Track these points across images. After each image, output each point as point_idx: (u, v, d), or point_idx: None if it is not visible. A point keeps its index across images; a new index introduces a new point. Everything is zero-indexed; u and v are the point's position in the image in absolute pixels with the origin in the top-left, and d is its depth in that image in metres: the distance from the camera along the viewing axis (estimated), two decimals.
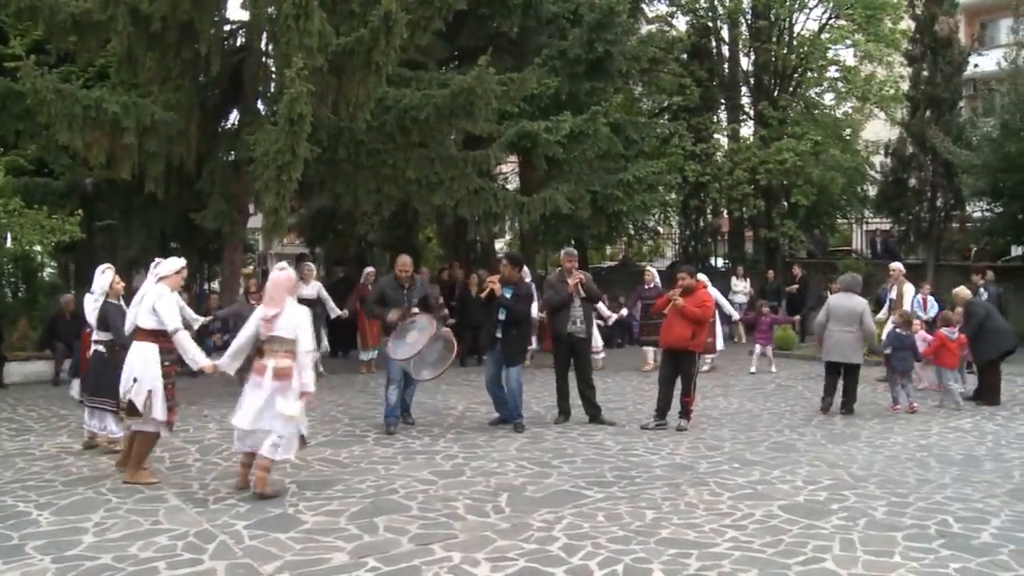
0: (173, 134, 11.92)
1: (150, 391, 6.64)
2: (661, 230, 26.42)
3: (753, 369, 14.07)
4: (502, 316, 9.25)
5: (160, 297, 6.74)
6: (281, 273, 6.77)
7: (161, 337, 6.71)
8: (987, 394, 11.30)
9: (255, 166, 11.37)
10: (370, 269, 15.26)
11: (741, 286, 19.62)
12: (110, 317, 7.68)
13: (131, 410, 6.66)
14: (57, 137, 11.27)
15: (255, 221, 15.26)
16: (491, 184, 15.52)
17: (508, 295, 9.27)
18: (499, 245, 25.89)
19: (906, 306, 12.71)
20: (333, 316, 13.41)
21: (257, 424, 6.43)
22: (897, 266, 13.74)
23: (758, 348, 14.34)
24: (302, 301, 9.80)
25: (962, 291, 12.04)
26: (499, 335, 9.28)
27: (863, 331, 10.35)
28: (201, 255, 18.19)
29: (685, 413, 9.39)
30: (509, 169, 22.92)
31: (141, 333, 6.77)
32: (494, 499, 6.48)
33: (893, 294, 13.28)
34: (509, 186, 21.07)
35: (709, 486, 6.90)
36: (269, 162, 10.99)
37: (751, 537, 5.61)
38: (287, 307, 6.55)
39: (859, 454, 8.16)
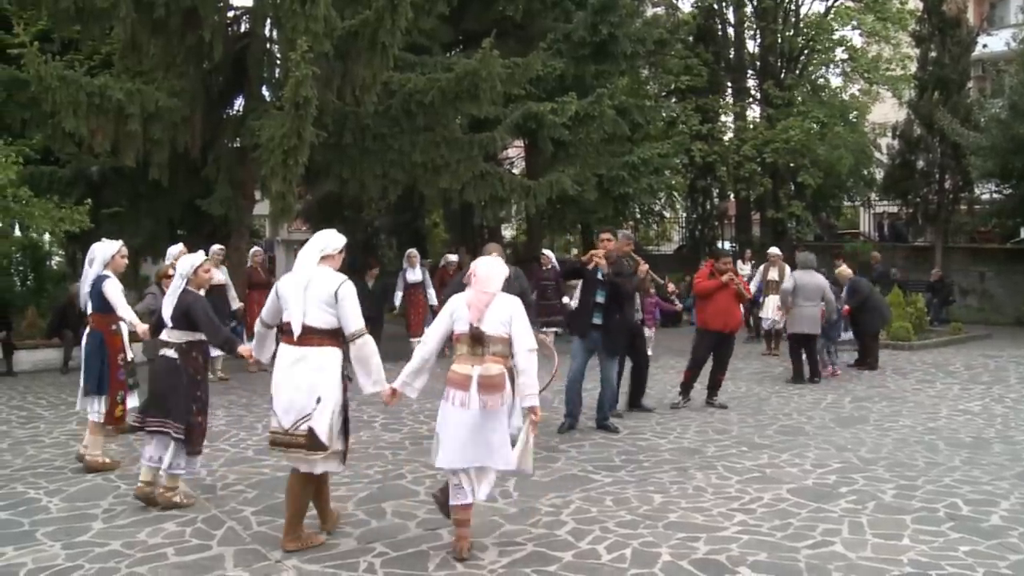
0: (178, 121, 11.92)
1: (333, 412, 4.91)
2: (667, 214, 26.36)
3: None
4: (600, 299, 8.13)
5: (343, 286, 4.94)
6: (493, 257, 5.60)
7: (339, 340, 5.02)
8: (869, 361, 12.66)
9: (261, 151, 11.37)
10: (453, 257, 14.62)
11: (748, 270, 19.55)
12: (197, 310, 5.81)
13: (313, 443, 4.82)
14: (62, 125, 11.27)
15: (261, 208, 15.25)
16: (497, 168, 15.49)
17: (600, 275, 8.15)
18: (506, 231, 25.88)
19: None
20: (235, 307, 11.85)
21: (470, 460, 4.90)
22: (774, 250, 14.75)
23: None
24: (214, 288, 9.47)
25: (844, 270, 13.03)
26: (597, 321, 8.15)
27: (825, 304, 11.41)
28: (208, 242, 18.19)
29: (718, 390, 9.79)
30: (515, 154, 22.87)
31: (314, 335, 4.93)
32: (502, 483, 6.45)
33: (772, 275, 14.11)
34: (515, 171, 21.01)
35: (717, 470, 6.89)
36: (275, 147, 10.99)
37: (759, 521, 5.61)
38: (498, 297, 5.06)
39: (868, 437, 8.14)
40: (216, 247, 11.83)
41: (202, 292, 6.05)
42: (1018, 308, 20.22)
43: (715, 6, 23.65)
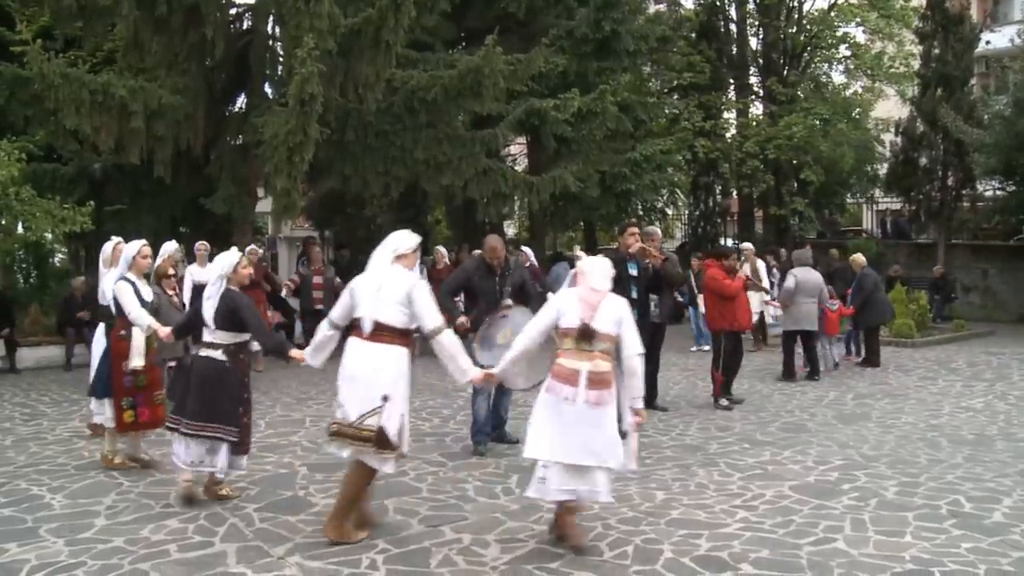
0: (181, 118, 11.92)
1: (402, 414, 4.99)
2: (670, 211, 26.33)
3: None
4: (635, 294, 8.07)
5: (417, 287, 5.03)
6: (599, 257, 5.43)
7: (409, 339, 5.10)
8: (870, 358, 12.67)
9: (265, 148, 11.36)
10: (442, 249, 14.51)
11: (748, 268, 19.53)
12: (247, 313, 5.66)
13: (381, 441, 4.87)
14: (65, 122, 11.28)
15: (264, 205, 15.26)
16: (500, 165, 15.49)
17: (634, 271, 8.19)
18: (509, 228, 25.88)
19: (765, 282, 13.70)
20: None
21: (579, 457, 4.85)
22: (747, 246, 14.66)
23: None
24: (199, 286, 9.35)
25: (859, 258, 13.26)
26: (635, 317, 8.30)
27: (820, 300, 11.48)
28: (211, 239, 18.22)
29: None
30: (518, 150, 22.86)
31: (385, 333, 4.99)
32: (504, 480, 6.48)
33: (746, 271, 13.87)
34: (518, 167, 21.00)
35: (719, 466, 6.89)
36: (279, 144, 10.99)
37: (762, 517, 5.61)
38: (608, 296, 5.05)
39: (870, 434, 8.13)
40: (199, 244, 11.75)
41: (240, 291, 5.82)
42: (1021, 305, 20.21)
43: (718, 3, 23.63)
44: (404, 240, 5.20)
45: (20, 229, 13.69)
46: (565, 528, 5.04)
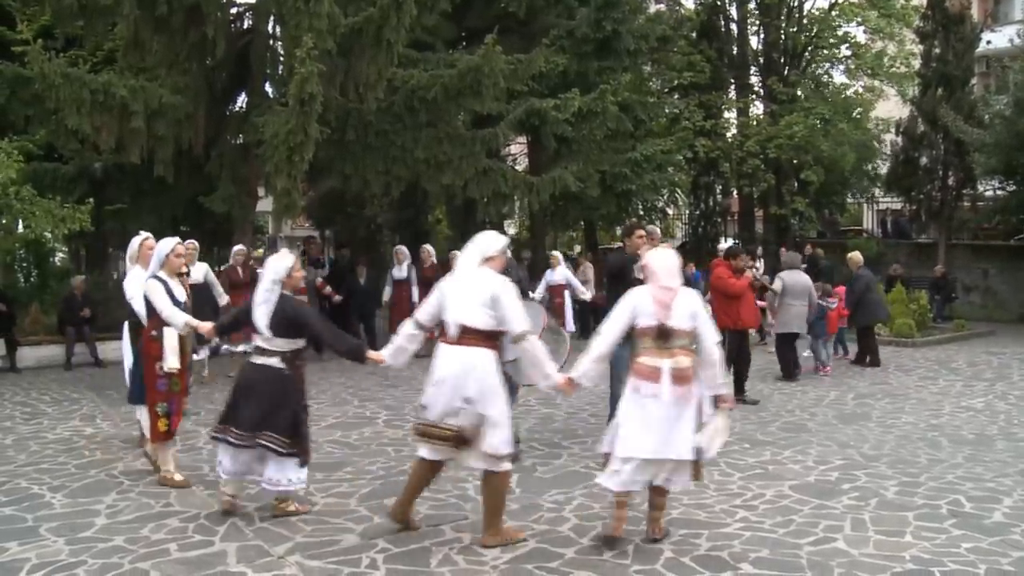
0: (181, 117, 11.92)
1: (482, 415, 4.92)
2: (670, 211, 26.33)
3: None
4: None
5: (504, 290, 4.98)
6: (668, 250, 5.45)
7: (495, 341, 5.06)
8: (865, 356, 12.77)
9: (265, 148, 11.36)
10: (429, 248, 14.47)
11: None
12: (307, 317, 5.58)
13: (460, 440, 4.93)
14: (66, 122, 11.28)
15: (264, 204, 15.26)
16: (500, 164, 15.49)
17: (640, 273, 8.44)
18: (510, 228, 25.87)
19: None
20: (222, 303, 11.09)
21: (659, 451, 4.94)
22: (725, 246, 14.62)
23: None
24: (191, 286, 9.43)
25: (856, 256, 13.30)
26: None
27: (809, 302, 11.54)
28: (211, 239, 18.23)
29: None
30: (518, 150, 22.86)
31: (470, 335, 4.97)
32: None
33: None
34: (518, 167, 21.00)
35: (720, 466, 6.88)
36: (280, 143, 10.99)
37: (762, 517, 5.61)
38: (680, 291, 5.10)
39: (870, 434, 8.13)
40: (187, 242, 11.57)
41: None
42: (1021, 305, 20.21)
43: (718, 2, 23.62)
44: (492, 242, 5.19)
45: (21, 228, 13.71)
46: (622, 525, 5.11)
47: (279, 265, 5.48)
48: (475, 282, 5.01)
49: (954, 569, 4.74)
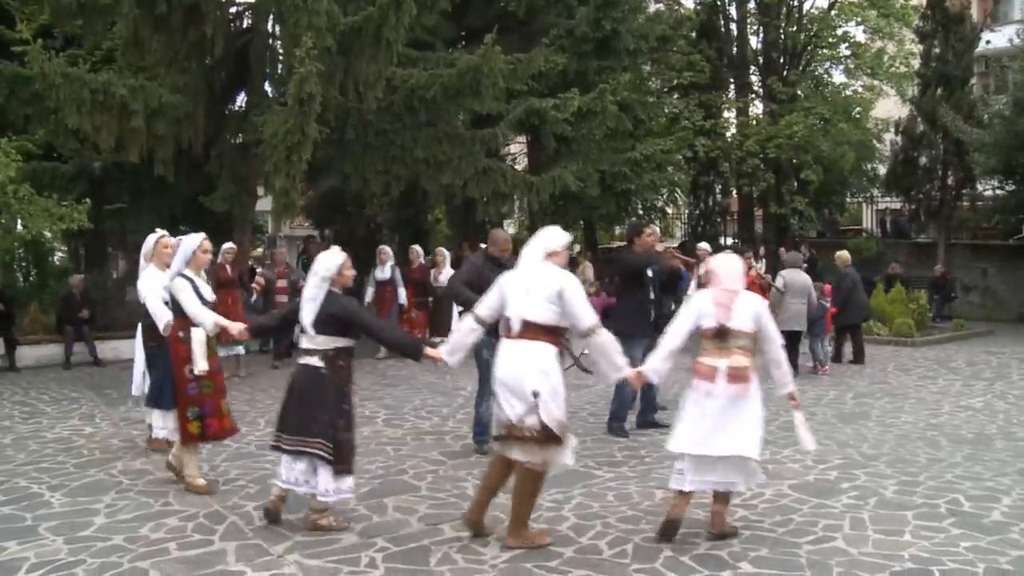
0: (181, 117, 11.91)
1: (556, 407, 4.88)
2: (670, 210, 26.34)
3: None
4: (653, 295, 8.22)
5: (569, 285, 4.95)
6: (731, 255, 5.58)
7: (556, 336, 5.02)
8: (856, 354, 12.98)
9: (264, 147, 11.36)
10: (418, 248, 14.56)
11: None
12: (355, 314, 5.35)
13: (547, 436, 4.80)
14: (66, 121, 11.26)
15: (264, 203, 15.26)
16: (499, 164, 15.48)
17: (650, 272, 8.24)
18: (509, 227, 25.86)
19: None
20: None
21: (715, 448, 5.02)
22: (704, 246, 14.37)
23: None
24: None
25: (844, 255, 13.36)
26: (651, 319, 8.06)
27: (809, 301, 11.69)
28: (210, 238, 18.22)
29: None
30: (518, 150, 22.86)
31: (532, 330, 4.92)
32: None
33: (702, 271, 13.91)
34: (518, 167, 21.00)
35: None
36: (278, 143, 10.99)
37: (761, 516, 5.61)
38: (741, 293, 5.20)
39: (869, 433, 8.14)
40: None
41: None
42: (1021, 304, 20.22)
43: (718, 2, 23.63)
44: (555, 237, 5.15)
45: (19, 227, 13.70)
46: (713, 518, 5.23)
47: (330, 263, 5.28)
48: (539, 277, 4.98)
49: (953, 568, 4.74)
